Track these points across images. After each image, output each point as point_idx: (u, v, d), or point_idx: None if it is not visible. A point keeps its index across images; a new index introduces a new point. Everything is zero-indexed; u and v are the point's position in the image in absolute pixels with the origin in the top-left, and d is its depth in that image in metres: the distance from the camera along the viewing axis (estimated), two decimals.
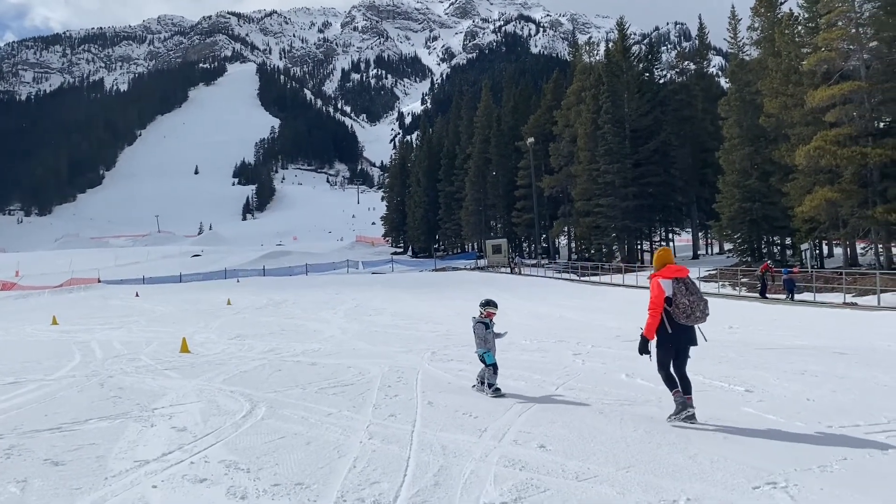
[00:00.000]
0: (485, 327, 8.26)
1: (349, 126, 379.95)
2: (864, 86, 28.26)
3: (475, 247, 75.91)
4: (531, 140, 55.60)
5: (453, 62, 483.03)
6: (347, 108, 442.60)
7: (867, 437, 5.91)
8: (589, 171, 49.35)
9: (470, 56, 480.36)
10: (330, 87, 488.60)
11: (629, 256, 49.39)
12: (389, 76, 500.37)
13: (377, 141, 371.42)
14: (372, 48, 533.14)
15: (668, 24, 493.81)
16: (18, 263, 76.94)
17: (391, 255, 79.68)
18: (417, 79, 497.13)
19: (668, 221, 53.80)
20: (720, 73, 75.34)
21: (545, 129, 59.14)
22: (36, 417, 7.38)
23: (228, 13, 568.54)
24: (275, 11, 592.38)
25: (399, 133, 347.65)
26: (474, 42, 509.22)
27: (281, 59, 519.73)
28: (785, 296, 25.34)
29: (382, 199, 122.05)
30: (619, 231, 49.20)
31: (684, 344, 6.49)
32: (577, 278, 42.82)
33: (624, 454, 5.51)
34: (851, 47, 29.26)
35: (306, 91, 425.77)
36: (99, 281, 55.59)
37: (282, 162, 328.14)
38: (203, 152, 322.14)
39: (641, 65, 53.29)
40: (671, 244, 55.78)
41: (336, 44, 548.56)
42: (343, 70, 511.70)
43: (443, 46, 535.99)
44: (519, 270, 50.96)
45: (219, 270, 60.64)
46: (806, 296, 25.21)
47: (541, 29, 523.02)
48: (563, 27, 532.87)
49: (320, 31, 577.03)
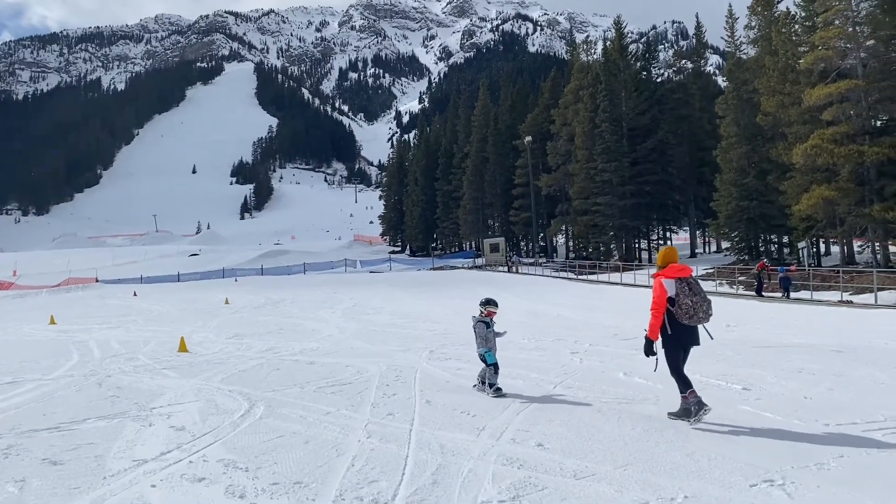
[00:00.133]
0: (485, 326, 8.19)
1: (347, 125, 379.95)
2: (861, 84, 28.28)
3: (473, 245, 75.95)
4: (529, 139, 55.64)
5: (451, 61, 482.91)
6: (345, 108, 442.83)
7: (864, 434, 5.93)
8: (586, 170, 49.38)
9: (467, 55, 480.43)
10: (327, 87, 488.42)
11: (627, 255, 49.44)
12: (387, 75, 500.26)
13: (375, 140, 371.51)
14: (369, 47, 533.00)
15: (665, 22, 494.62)
16: (16, 263, 76.91)
17: (389, 254, 79.60)
18: (415, 78, 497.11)
19: (665, 220, 53.85)
20: (717, 71, 75.52)
21: (543, 128, 59.15)
22: (34, 417, 7.37)
23: (226, 12, 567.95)
24: (272, 10, 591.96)
25: (397, 132, 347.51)
26: (472, 41, 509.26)
27: (278, 59, 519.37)
28: (781, 294, 25.37)
29: (380, 198, 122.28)
30: (616, 230, 49.25)
31: (686, 344, 6.43)
32: (575, 277, 42.86)
33: (622, 452, 5.52)
34: (848, 46, 29.29)
35: (304, 90, 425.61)
36: (97, 280, 55.54)
37: (279, 161, 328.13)
38: (201, 151, 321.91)
39: (639, 63, 53.30)
40: (669, 243, 55.83)
41: (334, 43, 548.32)
42: (341, 69, 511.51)
43: (440, 45, 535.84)
44: (516, 269, 51.01)
45: (217, 270, 60.60)
46: (803, 294, 25.26)
47: (538, 28, 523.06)
48: (561, 26, 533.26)
49: (318, 30, 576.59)
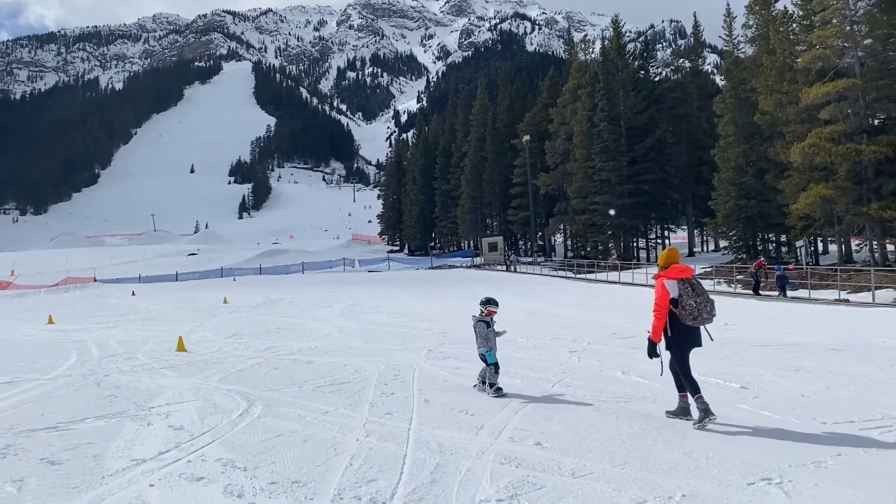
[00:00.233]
0: (486, 326, 8.16)
1: (345, 124, 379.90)
2: (859, 83, 28.30)
3: (471, 245, 75.94)
4: (527, 138, 55.64)
5: (449, 60, 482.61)
6: (343, 107, 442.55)
7: (861, 433, 5.94)
8: (585, 169, 49.38)
9: (465, 54, 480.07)
10: (326, 86, 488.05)
11: (625, 254, 49.47)
12: (385, 74, 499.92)
13: (373, 139, 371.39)
14: (367, 46, 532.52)
15: (663, 21, 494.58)
16: (14, 263, 76.81)
17: (387, 254, 79.64)
18: (413, 77, 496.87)
19: (663, 219, 53.85)
20: (715, 70, 75.67)
21: (541, 127, 59.15)
22: (32, 417, 7.37)
23: (224, 11, 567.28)
24: (270, 10, 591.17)
25: (395, 131, 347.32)
26: (470, 40, 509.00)
27: (276, 58, 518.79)
28: (777, 293, 25.40)
29: (378, 197, 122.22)
30: (614, 229, 49.23)
31: (689, 346, 6.39)
32: (573, 276, 42.85)
33: (620, 451, 5.53)
34: (846, 45, 29.31)
35: (302, 89, 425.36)
36: (95, 280, 55.50)
37: (278, 160, 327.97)
38: (199, 151, 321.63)
39: (637, 62, 53.23)
40: (667, 242, 55.88)
41: (332, 42, 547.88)
42: (339, 68, 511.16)
43: (438, 44, 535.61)
44: (515, 268, 51.02)
45: (215, 269, 60.57)
46: (801, 293, 25.28)
47: (536, 27, 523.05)
48: (559, 25, 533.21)
49: (316, 29, 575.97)
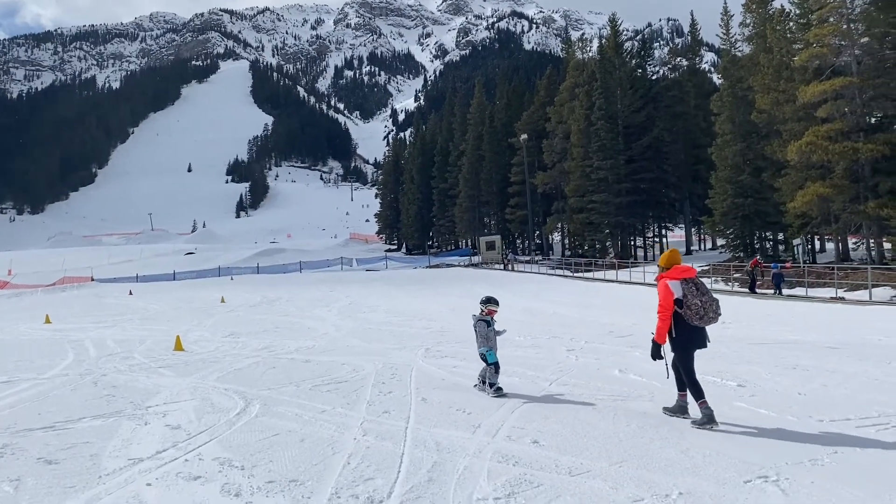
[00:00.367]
0: (486, 325, 8.09)
1: (342, 123, 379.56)
2: (856, 81, 28.35)
3: (469, 243, 75.95)
4: (524, 137, 55.66)
5: (446, 59, 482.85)
6: (341, 106, 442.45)
7: (858, 430, 5.96)
8: (582, 168, 49.39)
9: (463, 53, 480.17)
10: (323, 85, 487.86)
11: (622, 252, 49.50)
12: (382, 73, 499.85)
13: (371, 138, 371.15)
14: (365, 45, 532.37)
15: (660, 20, 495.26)
16: (11, 262, 76.55)
17: (385, 253, 79.69)
18: (410, 76, 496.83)
19: (661, 217, 53.91)
20: (712, 69, 75.75)
21: (538, 126, 59.16)
22: (29, 416, 7.36)
23: (221, 10, 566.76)
24: (267, 8, 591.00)
25: (392, 130, 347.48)
26: (467, 39, 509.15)
27: (274, 57, 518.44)
28: (773, 291, 25.44)
29: (376, 196, 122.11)
30: (612, 227, 49.25)
31: (695, 346, 6.29)
32: (571, 274, 42.87)
33: (617, 449, 5.54)
34: (843, 43, 29.34)
35: (299, 88, 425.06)
36: (92, 279, 55.33)
37: (275, 159, 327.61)
38: (196, 150, 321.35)
39: (634, 61, 53.27)
40: (664, 240, 55.94)
41: (329, 41, 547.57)
42: (336, 67, 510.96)
43: (436, 43, 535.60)
44: (512, 267, 51.01)
45: (212, 268, 60.46)
46: (798, 291, 25.32)
47: (534, 25, 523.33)
48: (556, 24, 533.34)
49: (313, 27, 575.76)
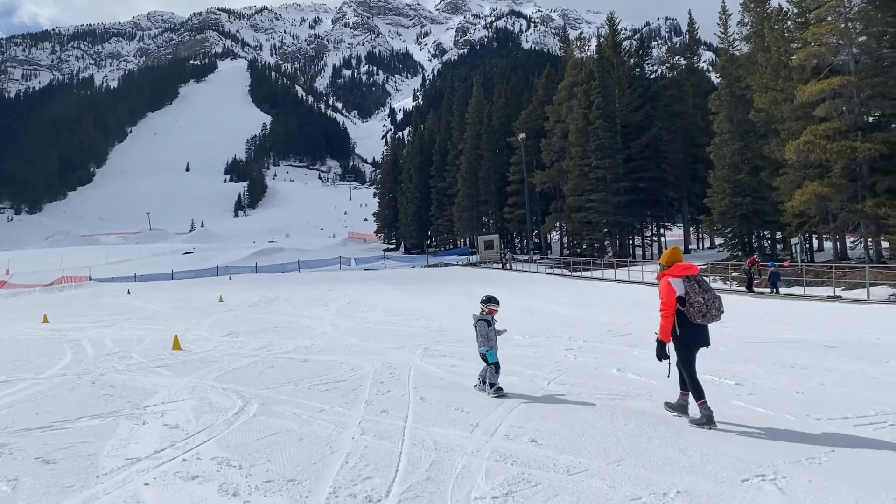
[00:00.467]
0: (487, 324, 8.02)
1: (341, 122, 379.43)
2: (854, 80, 28.38)
3: (467, 242, 75.95)
4: (522, 136, 55.64)
5: (444, 58, 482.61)
6: (339, 105, 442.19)
7: (855, 429, 5.97)
8: (580, 167, 49.40)
9: (461, 52, 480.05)
10: (321, 84, 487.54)
11: (621, 252, 49.52)
12: (381, 72, 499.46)
13: (369, 137, 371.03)
14: (363, 44, 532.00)
15: (658, 19, 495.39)
16: (9, 262, 76.50)
17: (383, 252, 79.67)
18: (409, 75, 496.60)
19: (659, 216, 53.96)
20: (710, 68, 75.68)
21: (536, 125, 59.16)
22: (27, 416, 7.35)
23: (219, 9, 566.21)
24: (265, 7, 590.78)
25: (391, 129, 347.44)
26: (465, 38, 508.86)
27: (272, 56, 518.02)
28: (770, 290, 25.46)
29: (374, 195, 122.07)
30: (610, 226, 49.30)
31: (698, 345, 6.22)
32: (569, 273, 42.85)
33: (615, 448, 5.54)
34: (841, 42, 29.37)
35: (297, 87, 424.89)
36: (90, 279, 55.27)
37: (273, 159, 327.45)
38: (194, 149, 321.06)
39: (632, 60, 53.30)
40: (663, 239, 55.99)
41: (327, 40, 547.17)
42: (334, 66, 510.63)
43: (434, 42, 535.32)
44: (511, 266, 51.01)
45: (211, 268, 60.45)
46: (796, 289, 25.35)
47: (532, 24, 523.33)
48: (555, 23, 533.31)
49: (311, 27, 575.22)
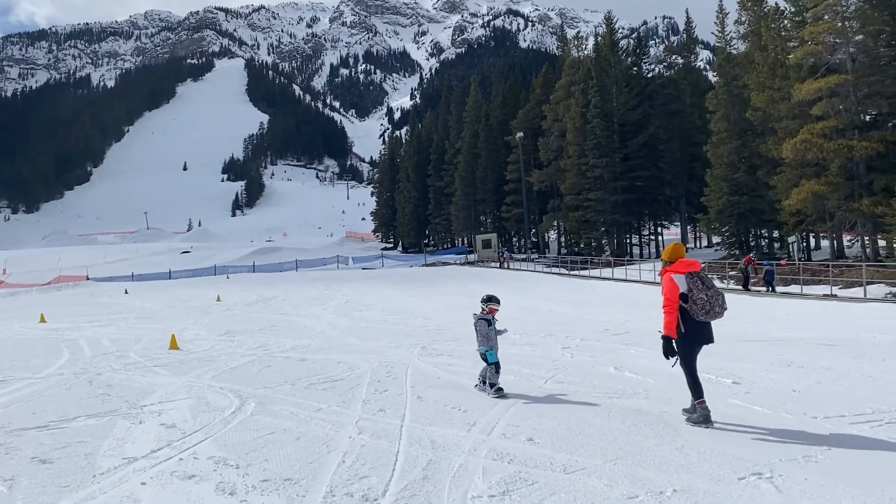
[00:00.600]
0: (487, 324, 7.97)
1: (338, 121, 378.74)
2: (851, 79, 28.39)
3: (465, 241, 75.95)
4: (520, 135, 55.63)
5: (442, 57, 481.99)
6: (336, 104, 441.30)
7: (852, 427, 5.98)
8: (578, 166, 49.41)
9: (459, 51, 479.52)
10: (318, 83, 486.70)
11: (618, 250, 49.55)
12: (378, 71, 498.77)
13: (366, 136, 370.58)
14: (360, 43, 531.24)
15: (655, 18, 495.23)
16: (6, 261, 76.48)
17: (381, 251, 79.65)
18: (406, 74, 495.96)
19: (656, 215, 53.99)
20: (708, 67, 75.60)
21: (534, 124, 59.15)
22: (24, 415, 7.35)
23: (216, 8, 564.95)
24: (262, 6, 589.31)
25: (388, 128, 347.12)
26: (463, 37, 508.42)
27: (269, 55, 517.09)
28: (766, 288, 25.51)
29: (372, 194, 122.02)
30: (608, 225, 49.32)
31: (701, 342, 6.14)
32: (567, 272, 42.87)
33: (612, 446, 5.55)
34: (838, 41, 29.38)
35: (295, 86, 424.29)
36: (87, 278, 55.26)
37: (271, 158, 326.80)
38: (191, 148, 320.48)
39: (630, 59, 53.33)
40: (660, 238, 56.02)
41: (324, 39, 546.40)
42: (331, 65, 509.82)
43: (431, 41, 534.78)
44: (508, 265, 51.03)
45: (208, 267, 60.46)
46: (793, 288, 25.38)
47: (529, 23, 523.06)
48: (552, 22, 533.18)
49: (308, 26, 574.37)
